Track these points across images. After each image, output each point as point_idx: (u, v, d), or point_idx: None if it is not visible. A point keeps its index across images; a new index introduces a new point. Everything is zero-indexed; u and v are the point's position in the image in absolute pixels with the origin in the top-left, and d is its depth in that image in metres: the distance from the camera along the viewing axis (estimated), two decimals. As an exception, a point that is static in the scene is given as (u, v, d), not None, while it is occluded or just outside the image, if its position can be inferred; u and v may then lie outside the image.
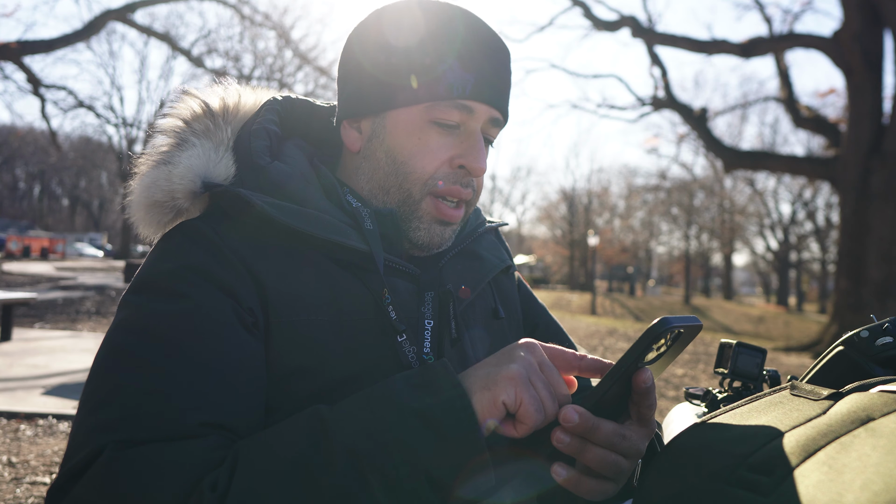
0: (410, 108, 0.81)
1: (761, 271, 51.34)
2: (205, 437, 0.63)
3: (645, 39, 16.74)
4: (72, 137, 46.97)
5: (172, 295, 0.71)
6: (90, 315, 10.71)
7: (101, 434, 0.63)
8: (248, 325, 0.72)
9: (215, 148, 0.83)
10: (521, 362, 0.64)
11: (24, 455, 3.73)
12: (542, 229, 49.48)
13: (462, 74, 0.79)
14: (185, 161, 0.80)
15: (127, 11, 17.09)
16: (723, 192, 38.08)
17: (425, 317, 0.82)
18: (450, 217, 0.84)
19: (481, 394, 0.62)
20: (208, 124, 0.85)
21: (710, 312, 26.84)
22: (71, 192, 66.44)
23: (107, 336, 0.72)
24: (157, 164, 0.82)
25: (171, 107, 0.87)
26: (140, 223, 0.84)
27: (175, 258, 0.75)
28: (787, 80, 16.20)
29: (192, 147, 0.82)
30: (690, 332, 0.64)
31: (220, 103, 0.88)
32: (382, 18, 0.83)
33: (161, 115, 0.88)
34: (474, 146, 0.82)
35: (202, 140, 0.83)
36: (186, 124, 0.85)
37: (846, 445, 0.46)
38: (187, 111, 0.86)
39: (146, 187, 0.81)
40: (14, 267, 25.24)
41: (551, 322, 1.07)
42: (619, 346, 10.98)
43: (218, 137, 0.85)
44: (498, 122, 0.85)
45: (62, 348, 7.11)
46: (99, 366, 0.69)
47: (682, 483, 0.53)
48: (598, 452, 0.63)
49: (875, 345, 0.77)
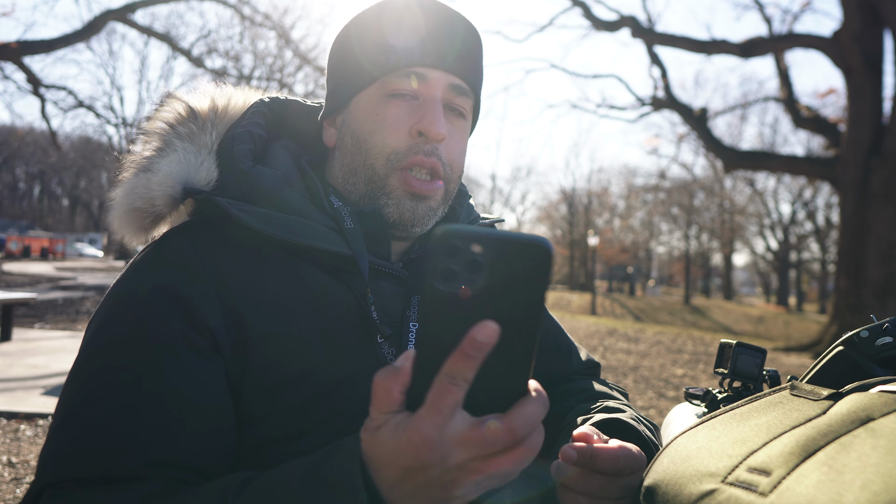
0: (368, 89, 0.83)
1: (761, 271, 51.35)
2: (144, 480, 0.62)
3: (644, 39, 16.73)
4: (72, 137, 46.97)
5: (131, 320, 0.70)
6: (90, 315, 10.69)
7: (47, 467, 0.63)
8: (201, 350, 0.70)
9: (197, 152, 0.82)
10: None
11: (24, 455, 3.73)
12: (543, 229, 49.46)
13: (410, 44, 0.81)
14: (165, 168, 0.79)
15: (127, 11, 17.07)
16: (723, 192, 38.08)
17: (410, 319, 0.81)
18: (420, 190, 0.82)
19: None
20: (192, 128, 0.84)
21: (710, 312, 26.83)
22: (71, 192, 66.43)
23: (79, 350, 0.72)
24: (139, 170, 0.82)
25: (156, 110, 0.86)
26: (121, 229, 0.83)
27: (145, 277, 0.74)
28: (786, 80, 16.19)
29: (175, 152, 0.81)
30: (518, 254, 0.45)
31: (207, 106, 0.87)
32: (349, 22, 0.86)
33: (146, 119, 0.87)
34: (430, 111, 0.81)
35: (185, 144, 0.83)
36: (171, 128, 0.84)
37: (846, 445, 0.46)
38: (171, 114, 0.85)
39: (126, 193, 0.81)
40: (14, 267, 25.23)
41: (551, 325, 1.07)
42: (618, 346, 10.98)
43: (201, 141, 0.84)
44: (460, 88, 0.84)
45: (62, 348, 7.11)
46: (63, 390, 0.70)
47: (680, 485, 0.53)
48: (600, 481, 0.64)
49: (875, 345, 0.77)
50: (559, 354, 1.04)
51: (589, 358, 1.08)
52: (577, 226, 42.30)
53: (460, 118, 0.86)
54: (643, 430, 0.78)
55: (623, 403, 0.90)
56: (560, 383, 1.00)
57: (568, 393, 0.96)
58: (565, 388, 0.98)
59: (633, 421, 0.79)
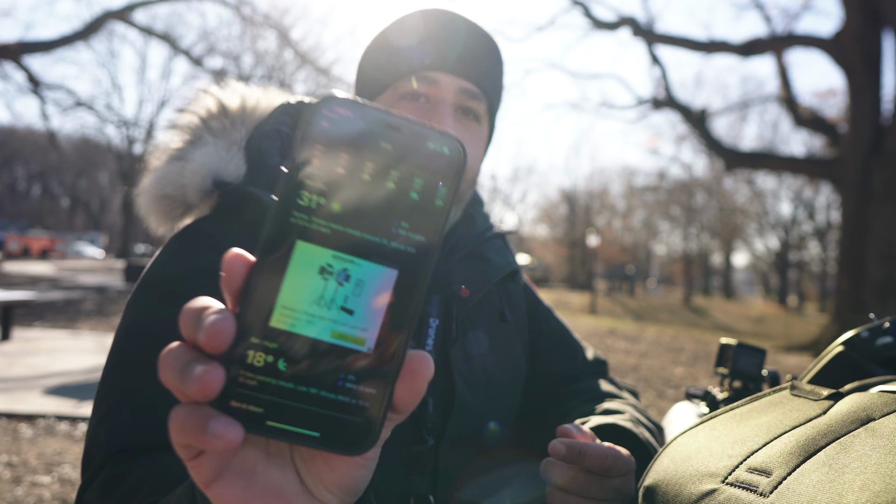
0: (382, 95, 0.85)
1: (761, 271, 51.33)
2: None
3: (644, 39, 16.74)
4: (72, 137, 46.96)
5: (179, 298, 0.71)
6: (90, 315, 10.70)
7: (110, 441, 0.64)
8: None
9: (228, 147, 0.84)
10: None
11: (25, 455, 3.73)
12: (543, 229, 49.50)
13: (421, 49, 0.82)
14: (199, 158, 0.80)
15: (127, 12, 17.08)
16: (723, 192, 38.08)
17: (430, 315, 0.83)
18: None
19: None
20: (225, 123, 0.86)
21: (710, 312, 26.82)
22: (71, 192, 66.44)
23: (115, 339, 0.72)
24: (171, 159, 0.83)
25: (189, 104, 0.88)
26: (148, 214, 0.84)
27: (184, 260, 0.75)
28: (787, 80, 16.20)
29: (206, 145, 0.83)
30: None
31: (238, 103, 0.89)
32: (371, 40, 0.89)
33: (178, 111, 0.88)
34: (438, 112, 0.82)
35: (216, 139, 0.84)
36: (203, 122, 0.86)
37: (846, 446, 0.46)
38: (204, 109, 0.87)
39: (158, 180, 0.82)
40: (14, 267, 25.23)
41: (556, 325, 1.07)
42: (618, 345, 10.98)
43: (232, 137, 0.85)
44: (471, 92, 0.84)
45: (62, 348, 7.11)
46: (107, 372, 0.70)
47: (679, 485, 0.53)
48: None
49: (875, 345, 0.77)
50: (565, 354, 1.04)
51: (596, 357, 1.09)
52: (577, 226, 42.30)
53: (474, 122, 0.86)
54: (641, 432, 0.78)
55: (628, 404, 0.91)
56: (566, 384, 1.00)
57: (572, 394, 0.97)
58: (570, 388, 0.99)
59: (630, 424, 0.79)
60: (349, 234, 0.34)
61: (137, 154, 32.30)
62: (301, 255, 0.33)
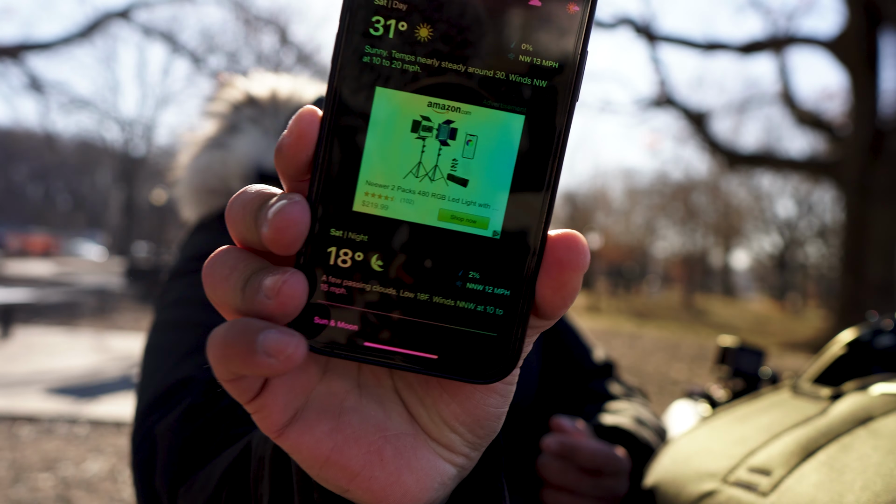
0: None
1: (761, 271, 51.31)
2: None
3: (645, 39, 16.73)
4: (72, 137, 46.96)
5: None
6: (90, 315, 10.70)
7: (200, 372, 0.59)
8: None
9: (264, 134, 0.82)
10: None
11: (25, 455, 3.72)
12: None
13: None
14: (242, 147, 0.79)
15: (127, 12, 17.08)
16: (723, 191, 38.06)
17: None
18: None
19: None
20: (257, 112, 0.85)
21: (710, 312, 26.81)
22: (71, 192, 66.44)
23: (160, 318, 0.69)
24: (211, 146, 0.81)
25: (218, 92, 0.87)
26: (187, 205, 0.82)
27: (224, 239, 0.74)
28: (787, 81, 16.19)
29: (245, 133, 0.81)
30: None
31: (268, 93, 0.87)
32: None
33: (211, 100, 0.88)
34: None
35: (251, 126, 0.83)
36: (237, 110, 0.85)
37: (846, 446, 0.46)
38: (235, 98, 0.86)
39: (200, 171, 0.80)
40: (14, 267, 25.22)
41: (565, 326, 1.07)
42: (619, 345, 10.97)
43: (266, 124, 0.84)
44: None
45: (62, 348, 7.11)
46: (148, 351, 0.67)
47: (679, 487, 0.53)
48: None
49: (875, 345, 0.77)
50: (573, 356, 1.04)
51: (605, 358, 1.09)
52: (577, 226, 42.29)
53: None
54: (642, 433, 0.78)
55: (633, 405, 0.91)
56: (574, 386, 1.00)
57: (580, 396, 0.97)
58: (579, 391, 0.99)
59: (631, 424, 0.79)
60: (449, 70, 0.23)
61: (183, 133, 32.36)
62: (383, 106, 0.24)
